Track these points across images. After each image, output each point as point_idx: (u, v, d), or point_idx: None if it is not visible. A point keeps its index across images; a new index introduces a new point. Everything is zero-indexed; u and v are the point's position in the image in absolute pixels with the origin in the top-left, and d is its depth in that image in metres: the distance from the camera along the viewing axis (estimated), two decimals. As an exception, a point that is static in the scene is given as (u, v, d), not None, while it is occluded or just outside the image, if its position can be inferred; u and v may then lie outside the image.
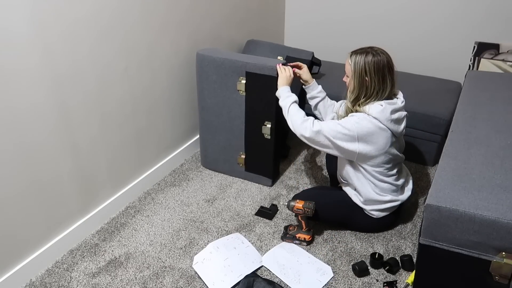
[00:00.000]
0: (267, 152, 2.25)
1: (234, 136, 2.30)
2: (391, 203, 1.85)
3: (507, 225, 1.23)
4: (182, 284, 1.72)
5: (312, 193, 1.98)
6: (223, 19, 2.61)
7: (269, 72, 2.02)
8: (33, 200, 1.70)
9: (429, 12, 2.84)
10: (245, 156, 2.32)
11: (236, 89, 2.16)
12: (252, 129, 2.23)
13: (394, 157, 1.78)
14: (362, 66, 1.69)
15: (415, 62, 3.01)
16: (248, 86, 2.12)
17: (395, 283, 1.69)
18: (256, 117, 2.18)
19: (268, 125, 2.17)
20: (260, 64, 2.05)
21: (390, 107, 1.70)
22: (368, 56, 1.69)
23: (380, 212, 1.87)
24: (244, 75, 2.11)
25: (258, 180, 2.36)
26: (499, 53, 2.72)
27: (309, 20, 3.30)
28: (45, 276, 1.77)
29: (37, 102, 1.60)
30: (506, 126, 1.72)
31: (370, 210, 1.87)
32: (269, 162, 2.27)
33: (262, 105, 2.13)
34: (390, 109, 1.69)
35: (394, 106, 1.71)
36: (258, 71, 2.06)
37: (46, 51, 1.58)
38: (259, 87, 2.09)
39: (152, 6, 2.03)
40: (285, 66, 1.98)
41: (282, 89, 1.92)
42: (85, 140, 1.86)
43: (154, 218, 2.10)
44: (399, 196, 1.87)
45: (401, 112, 1.75)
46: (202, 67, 2.20)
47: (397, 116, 1.72)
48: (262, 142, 2.23)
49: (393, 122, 1.71)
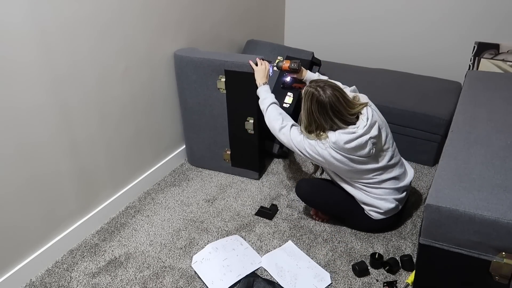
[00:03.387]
0: (252, 146, 2.30)
1: (218, 133, 2.34)
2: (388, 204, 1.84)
3: (507, 225, 1.23)
4: (182, 284, 1.72)
5: (318, 182, 2.02)
6: (223, 19, 2.61)
7: (247, 69, 2.08)
8: (33, 200, 1.70)
9: (429, 12, 2.84)
10: (230, 152, 2.37)
11: (217, 87, 2.20)
12: (235, 125, 2.27)
13: (375, 170, 1.78)
14: (308, 108, 1.73)
15: (415, 62, 3.01)
16: (228, 84, 2.17)
17: (395, 283, 1.69)
18: (239, 113, 2.23)
19: (250, 121, 2.21)
20: (238, 62, 2.09)
21: (344, 137, 1.68)
22: (313, 99, 1.70)
23: (379, 215, 1.87)
24: (223, 73, 2.15)
25: (245, 174, 2.40)
26: (499, 53, 2.72)
27: (309, 20, 3.30)
28: (45, 276, 1.77)
29: (37, 102, 1.60)
30: (506, 126, 1.72)
31: (369, 211, 1.87)
32: (254, 156, 2.32)
33: (243, 101, 2.18)
34: (343, 141, 1.68)
35: (349, 136, 1.68)
36: (236, 68, 2.10)
37: (46, 51, 1.59)
38: (238, 84, 2.14)
39: (152, 6, 2.03)
40: (258, 59, 2.06)
41: (260, 88, 2.00)
42: (85, 140, 1.86)
43: (154, 218, 2.10)
44: (397, 196, 1.86)
45: (361, 138, 1.68)
46: (181, 68, 2.23)
47: (356, 144, 1.68)
48: (246, 138, 2.28)
49: (351, 150, 1.70)
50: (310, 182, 2.01)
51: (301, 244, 1.92)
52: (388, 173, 1.82)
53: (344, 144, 1.68)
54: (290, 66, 2.06)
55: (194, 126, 2.38)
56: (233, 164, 2.40)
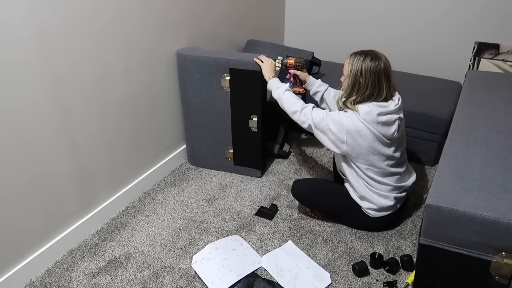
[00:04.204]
0: (255, 144, 2.31)
1: (221, 132, 2.34)
2: (386, 201, 1.84)
3: (507, 225, 1.23)
4: (182, 284, 1.72)
5: (314, 182, 2.05)
6: (223, 19, 2.62)
7: (252, 67, 2.08)
8: (33, 200, 1.70)
9: (429, 12, 2.84)
10: (233, 150, 2.37)
11: (221, 86, 2.20)
12: (239, 123, 2.28)
13: (389, 158, 1.78)
14: (358, 67, 1.71)
15: (415, 62, 3.01)
16: (233, 82, 2.17)
17: (395, 283, 1.69)
18: (242, 111, 2.24)
19: (254, 119, 2.22)
20: (243, 60, 2.10)
21: (378, 109, 1.70)
22: (367, 59, 1.71)
23: (376, 212, 1.87)
24: (228, 72, 2.15)
25: (248, 172, 2.41)
26: (499, 53, 2.72)
27: (309, 20, 3.30)
28: (45, 276, 1.77)
29: (37, 102, 1.60)
30: (506, 126, 1.72)
31: (367, 209, 1.87)
32: (257, 154, 2.33)
33: (248, 99, 2.18)
34: (376, 111, 1.70)
35: (382, 109, 1.71)
36: (241, 67, 2.11)
37: (46, 51, 1.59)
38: (243, 82, 2.15)
39: (152, 6, 2.03)
40: (262, 56, 2.06)
41: (271, 82, 1.99)
42: (85, 140, 1.86)
43: (154, 218, 2.10)
44: (397, 195, 1.86)
45: (391, 115, 1.73)
46: (184, 66, 2.23)
47: (386, 119, 1.72)
48: (249, 136, 2.28)
49: (380, 124, 1.71)
50: (305, 182, 2.02)
51: (301, 244, 1.92)
52: (397, 167, 1.83)
53: (377, 116, 1.69)
54: (297, 61, 2.07)
55: (196, 125, 2.38)
56: (236, 163, 2.41)
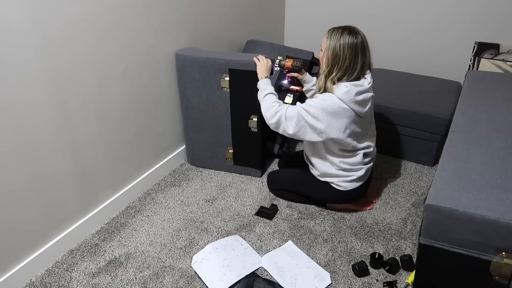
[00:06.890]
0: (255, 144, 2.31)
1: (221, 132, 2.35)
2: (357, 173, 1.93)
3: (507, 225, 1.23)
4: (182, 284, 1.72)
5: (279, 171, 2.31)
6: (223, 19, 2.61)
7: (251, 67, 2.08)
8: (33, 200, 1.70)
9: (429, 12, 2.84)
10: (233, 150, 2.37)
11: (220, 86, 2.20)
12: (239, 124, 2.28)
13: (358, 135, 1.86)
14: (337, 41, 1.75)
15: (415, 62, 3.01)
16: (232, 83, 2.17)
17: (395, 283, 1.69)
18: (242, 112, 2.24)
19: (254, 119, 2.23)
20: (242, 60, 2.10)
21: (356, 89, 1.75)
22: (345, 32, 1.75)
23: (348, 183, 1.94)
24: (227, 72, 2.15)
25: (248, 172, 2.42)
26: (499, 53, 2.72)
27: (309, 20, 3.30)
28: (45, 276, 1.77)
29: (37, 102, 1.60)
30: (506, 126, 1.72)
31: (338, 182, 1.94)
32: (257, 154, 2.34)
33: (247, 99, 2.18)
34: (355, 91, 1.75)
35: (359, 88, 1.77)
36: (241, 67, 2.11)
37: (46, 51, 1.58)
38: (243, 82, 2.15)
39: (152, 6, 2.03)
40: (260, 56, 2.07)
41: (260, 82, 2.00)
42: (85, 140, 1.86)
43: (154, 218, 2.10)
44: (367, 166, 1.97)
45: (366, 93, 1.81)
46: (183, 67, 2.23)
47: (362, 98, 1.78)
48: (249, 136, 2.29)
49: (357, 103, 1.77)
50: (272, 174, 2.24)
51: (301, 244, 1.92)
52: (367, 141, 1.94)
53: (355, 95, 1.75)
54: (293, 64, 2.08)
55: (196, 126, 2.38)
56: (236, 163, 2.41)
